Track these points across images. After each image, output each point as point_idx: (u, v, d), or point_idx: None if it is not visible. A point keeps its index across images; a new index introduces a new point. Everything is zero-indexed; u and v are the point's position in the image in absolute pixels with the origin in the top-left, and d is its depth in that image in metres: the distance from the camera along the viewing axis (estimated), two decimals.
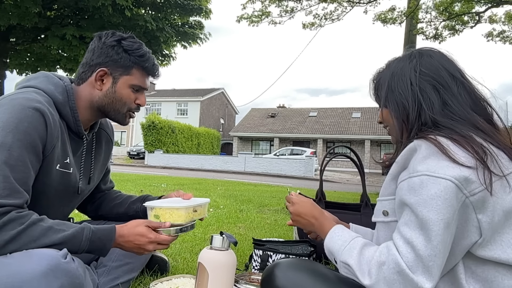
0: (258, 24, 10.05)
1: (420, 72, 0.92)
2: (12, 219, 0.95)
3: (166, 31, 11.64)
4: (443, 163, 0.77)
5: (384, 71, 1.01)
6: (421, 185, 0.77)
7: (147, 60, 1.25)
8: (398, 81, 0.94)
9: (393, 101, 0.94)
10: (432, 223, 0.74)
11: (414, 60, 0.94)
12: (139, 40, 1.27)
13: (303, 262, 1.01)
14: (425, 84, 0.90)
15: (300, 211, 1.10)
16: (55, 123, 1.11)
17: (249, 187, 8.49)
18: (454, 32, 9.09)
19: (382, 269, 0.78)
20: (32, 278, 0.90)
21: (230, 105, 40.90)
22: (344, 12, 9.83)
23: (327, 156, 2.00)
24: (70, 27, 10.45)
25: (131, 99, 1.27)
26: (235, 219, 3.56)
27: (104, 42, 1.22)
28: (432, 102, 0.88)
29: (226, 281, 1.11)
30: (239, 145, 31.96)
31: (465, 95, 0.89)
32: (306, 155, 23.15)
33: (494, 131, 0.87)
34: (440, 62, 0.93)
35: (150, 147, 22.40)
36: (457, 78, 0.90)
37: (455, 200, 0.75)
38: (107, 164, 1.51)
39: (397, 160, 0.87)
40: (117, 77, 1.23)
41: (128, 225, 1.16)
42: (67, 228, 1.04)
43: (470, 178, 0.75)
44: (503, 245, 0.78)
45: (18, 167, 0.99)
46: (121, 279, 1.39)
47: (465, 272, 0.81)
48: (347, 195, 7.47)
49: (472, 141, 0.81)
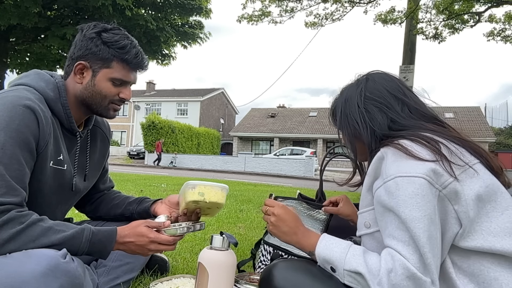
0: (257, 23, 10.04)
1: (365, 96, 1.01)
2: (11, 218, 0.95)
3: (166, 30, 11.65)
4: (411, 162, 0.82)
5: (339, 98, 1.10)
6: (397, 187, 0.80)
7: (128, 52, 1.20)
8: (349, 106, 1.03)
9: (346, 124, 1.03)
10: (417, 221, 0.77)
11: (361, 86, 1.04)
12: (123, 32, 1.24)
13: (301, 262, 1.01)
14: (371, 106, 0.99)
15: (286, 218, 1.04)
16: (46, 120, 1.10)
17: (249, 187, 8.49)
18: (454, 31, 9.08)
19: (390, 276, 0.78)
20: (32, 278, 0.90)
21: (230, 105, 40.91)
22: (345, 12, 9.83)
23: (327, 156, 2.00)
24: (70, 27, 10.46)
25: (112, 92, 1.23)
26: (235, 219, 3.56)
27: (84, 34, 1.20)
28: (379, 122, 0.96)
29: (226, 281, 1.11)
30: (239, 145, 31.95)
31: (408, 110, 0.98)
32: (306, 155, 23.16)
33: (445, 130, 0.95)
34: (382, 84, 1.02)
35: (150, 147, 22.41)
36: (398, 97, 0.99)
37: (431, 195, 0.79)
38: (104, 163, 1.50)
39: (368, 171, 0.93)
40: (96, 70, 1.20)
41: (129, 225, 1.15)
42: (67, 228, 1.03)
43: (437, 171, 0.80)
44: (483, 233, 0.81)
45: (13, 165, 0.99)
46: (121, 279, 1.39)
47: (453, 267, 0.83)
48: (347, 195, 7.45)
49: (423, 137, 0.88)
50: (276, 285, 0.94)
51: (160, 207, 1.44)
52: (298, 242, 1.01)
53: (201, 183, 1.26)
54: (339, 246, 0.92)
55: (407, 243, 0.78)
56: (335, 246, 0.92)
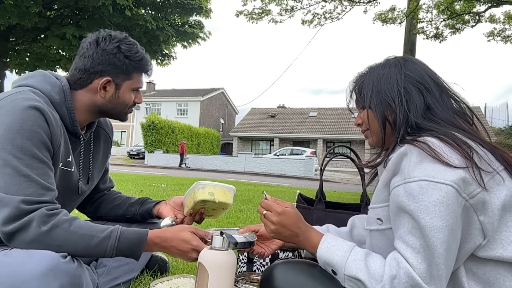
0: (258, 22, 10.03)
1: (405, 75, 0.94)
2: (38, 216, 0.96)
3: (166, 30, 11.63)
4: (439, 167, 0.76)
5: (368, 74, 1.02)
6: (421, 191, 0.76)
7: (146, 63, 1.27)
8: (384, 83, 0.95)
9: (379, 102, 0.95)
10: (437, 230, 0.73)
11: (399, 65, 0.97)
12: (133, 40, 1.26)
13: (302, 263, 1.01)
14: (411, 86, 0.92)
15: (286, 223, 0.98)
16: (56, 122, 1.10)
17: (249, 187, 8.49)
18: (455, 31, 9.08)
19: (393, 283, 0.76)
20: (32, 278, 0.90)
21: (230, 105, 40.88)
22: (344, 11, 9.82)
23: (327, 156, 2.00)
24: (70, 27, 10.45)
25: (132, 100, 1.29)
26: (235, 219, 3.56)
27: (104, 48, 1.19)
28: (416, 105, 0.90)
29: (226, 281, 1.11)
30: (239, 145, 31.95)
31: (447, 99, 0.93)
32: (306, 155, 23.15)
33: (476, 132, 0.90)
34: (423, 68, 0.97)
35: (150, 147, 22.40)
36: (438, 83, 0.94)
37: (457, 205, 0.74)
38: (106, 163, 1.50)
39: (388, 166, 0.87)
40: (119, 83, 1.23)
41: (174, 228, 1.14)
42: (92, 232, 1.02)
43: (467, 180, 0.75)
44: (503, 243, 0.78)
45: (36, 164, 1.00)
46: (121, 279, 1.39)
47: (467, 274, 0.80)
48: (347, 195, 7.46)
49: (456, 139, 0.82)
50: (277, 285, 0.93)
51: (164, 208, 1.43)
52: (300, 244, 0.99)
53: (210, 183, 1.29)
54: (341, 249, 0.89)
55: (417, 251, 0.75)
56: (337, 249, 0.89)
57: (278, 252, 1.64)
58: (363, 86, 1.01)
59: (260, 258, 1.13)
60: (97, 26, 10.52)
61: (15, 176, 0.96)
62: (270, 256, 1.66)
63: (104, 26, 10.71)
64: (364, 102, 0.99)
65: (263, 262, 1.67)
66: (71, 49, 11.02)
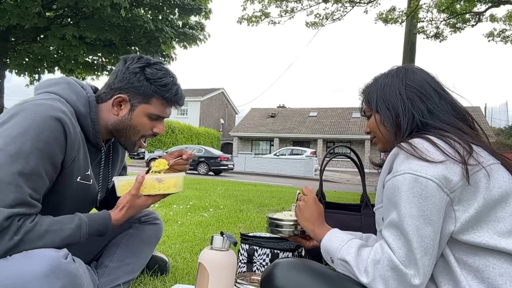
0: (257, 24, 10.04)
1: (406, 84, 1.01)
2: (9, 227, 0.93)
3: (165, 31, 11.64)
4: (423, 163, 0.83)
5: (372, 84, 1.10)
6: (404, 182, 0.83)
7: (170, 90, 1.21)
8: (388, 92, 1.03)
9: (385, 108, 1.03)
10: (414, 218, 0.81)
11: (400, 75, 1.05)
12: (166, 68, 1.23)
13: (303, 262, 1.01)
14: (412, 94, 1.00)
15: (312, 207, 1.16)
16: (75, 134, 1.09)
17: (249, 187, 8.50)
18: (455, 30, 9.09)
19: (377, 267, 0.84)
20: (33, 279, 0.90)
21: (230, 105, 40.90)
22: (345, 12, 9.83)
23: (327, 156, 2.00)
24: (70, 27, 10.47)
25: (146, 128, 1.23)
26: (235, 219, 3.57)
27: (127, 67, 1.19)
28: (421, 109, 0.98)
29: (227, 281, 1.11)
30: (239, 145, 31.96)
31: (446, 105, 0.99)
32: (306, 155, 23.15)
33: (477, 134, 0.96)
34: (424, 77, 1.03)
35: (150, 147, 22.43)
36: (437, 91, 1.01)
37: (438, 198, 0.81)
38: (121, 169, 1.49)
39: (383, 167, 0.95)
40: (135, 104, 1.20)
41: (117, 204, 1.19)
42: (63, 226, 1.04)
43: (448, 175, 0.81)
44: (489, 231, 0.83)
45: (33, 177, 0.98)
46: (122, 280, 1.39)
47: (458, 264, 0.85)
48: (347, 195, 7.47)
49: (460, 136, 0.89)
50: (278, 284, 0.94)
51: None
52: (313, 230, 1.12)
53: (125, 179, 1.24)
54: (340, 238, 0.99)
55: (398, 237, 0.83)
56: (336, 239, 1.00)
57: (278, 252, 1.65)
58: (369, 95, 1.10)
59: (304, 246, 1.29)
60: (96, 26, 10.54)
61: (3, 182, 0.93)
62: (270, 256, 1.66)
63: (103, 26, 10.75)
64: (371, 109, 1.08)
65: (263, 262, 1.68)
66: (71, 49, 11.04)
